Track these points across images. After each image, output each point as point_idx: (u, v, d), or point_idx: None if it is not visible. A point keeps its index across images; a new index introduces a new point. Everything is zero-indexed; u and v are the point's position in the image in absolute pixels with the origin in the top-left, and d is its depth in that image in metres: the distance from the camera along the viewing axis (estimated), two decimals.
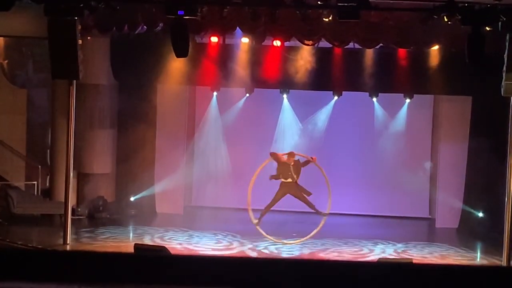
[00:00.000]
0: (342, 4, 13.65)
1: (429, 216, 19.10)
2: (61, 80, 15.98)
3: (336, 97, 17.95)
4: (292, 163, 15.80)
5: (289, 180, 15.80)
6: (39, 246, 14.97)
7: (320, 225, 15.84)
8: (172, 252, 13.22)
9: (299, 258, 14.58)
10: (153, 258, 3.36)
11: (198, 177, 19.04)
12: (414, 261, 13.63)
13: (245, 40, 17.20)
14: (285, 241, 15.99)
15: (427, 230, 18.47)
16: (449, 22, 13.99)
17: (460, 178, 17.96)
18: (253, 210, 15.95)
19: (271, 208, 15.92)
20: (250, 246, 15.66)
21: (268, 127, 18.58)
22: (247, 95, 18.21)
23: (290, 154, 15.96)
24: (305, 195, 15.82)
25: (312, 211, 15.87)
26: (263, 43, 17.07)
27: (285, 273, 3.23)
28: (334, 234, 16.63)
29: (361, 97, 17.85)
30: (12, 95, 19.00)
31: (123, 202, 18.31)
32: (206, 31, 16.47)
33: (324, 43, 16.60)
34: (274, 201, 15.91)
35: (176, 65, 17.06)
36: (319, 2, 14.59)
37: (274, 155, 16.07)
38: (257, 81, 17.49)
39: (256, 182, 16.09)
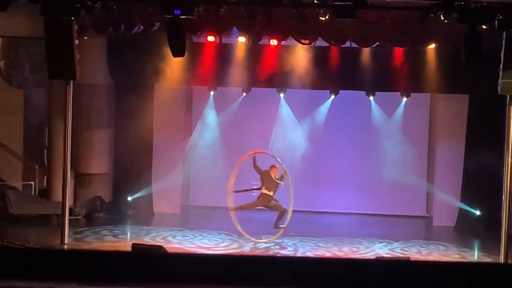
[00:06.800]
0: (339, 3, 13.63)
1: (427, 215, 19.11)
2: (58, 80, 15.96)
3: (333, 96, 17.97)
4: (276, 176, 15.83)
5: (271, 193, 15.85)
6: (37, 247, 14.94)
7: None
8: (170, 251, 13.21)
9: (295, 255, 14.57)
10: (150, 256, 3.36)
11: (195, 177, 19.04)
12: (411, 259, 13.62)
13: (241, 39, 17.21)
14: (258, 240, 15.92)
15: (425, 229, 18.47)
16: (446, 21, 13.97)
17: (457, 176, 17.97)
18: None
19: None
20: (247, 245, 15.66)
21: (265, 126, 18.57)
22: (244, 94, 18.21)
23: (273, 168, 15.97)
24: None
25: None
26: (259, 42, 17.10)
27: (281, 271, 3.23)
28: (331, 233, 16.65)
29: (358, 96, 17.86)
30: (8, 96, 18.99)
31: (121, 202, 18.30)
32: (202, 31, 16.47)
33: (320, 42, 16.60)
34: (249, 206, 15.96)
35: (173, 65, 17.06)
36: (315, 1, 14.56)
37: (257, 168, 15.96)
38: (254, 80, 17.49)
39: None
